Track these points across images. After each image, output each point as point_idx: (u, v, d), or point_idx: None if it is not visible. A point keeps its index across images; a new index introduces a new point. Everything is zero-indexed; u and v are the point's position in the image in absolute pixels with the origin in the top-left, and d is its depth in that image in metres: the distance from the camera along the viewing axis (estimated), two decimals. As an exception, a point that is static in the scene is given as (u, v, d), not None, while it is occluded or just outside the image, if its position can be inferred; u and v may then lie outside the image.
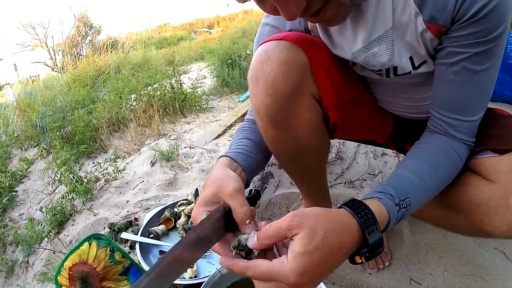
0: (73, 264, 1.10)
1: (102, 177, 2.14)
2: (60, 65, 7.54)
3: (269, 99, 0.78)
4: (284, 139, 0.87)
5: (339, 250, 0.53)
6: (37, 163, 2.93)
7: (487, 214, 0.73)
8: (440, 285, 1.15)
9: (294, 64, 0.77)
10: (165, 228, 1.27)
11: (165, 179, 1.98)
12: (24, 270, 1.80)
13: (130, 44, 7.73)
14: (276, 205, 1.54)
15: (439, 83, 0.76)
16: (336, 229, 0.53)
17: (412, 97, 0.91)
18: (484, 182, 0.75)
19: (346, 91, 0.87)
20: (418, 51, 0.74)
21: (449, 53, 0.71)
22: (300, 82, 0.78)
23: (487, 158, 0.76)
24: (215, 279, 0.94)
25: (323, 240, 0.51)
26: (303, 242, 0.51)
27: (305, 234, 0.51)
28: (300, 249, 0.51)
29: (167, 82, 3.31)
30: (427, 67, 0.77)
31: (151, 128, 2.85)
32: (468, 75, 0.71)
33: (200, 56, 6.50)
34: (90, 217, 1.79)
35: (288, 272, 0.50)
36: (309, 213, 0.54)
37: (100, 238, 1.15)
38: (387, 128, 1.06)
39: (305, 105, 0.83)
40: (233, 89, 3.72)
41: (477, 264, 1.18)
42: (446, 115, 0.76)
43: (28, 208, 2.32)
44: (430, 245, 1.28)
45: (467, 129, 0.76)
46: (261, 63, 0.77)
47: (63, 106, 3.42)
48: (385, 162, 1.75)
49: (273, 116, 0.81)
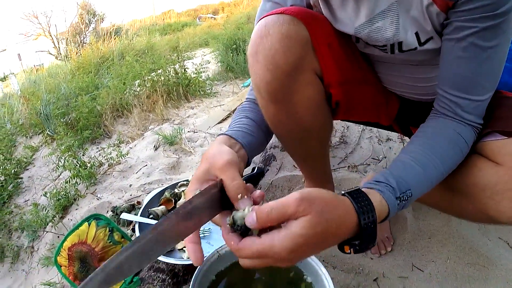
0: (72, 244, 1.09)
1: (106, 162, 2.15)
2: (64, 53, 7.55)
3: (270, 75, 0.76)
4: (285, 117, 0.85)
5: (333, 238, 0.54)
6: (41, 150, 2.94)
7: (493, 198, 0.71)
8: (443, 272, 1.13)
9: (295, 38, 0.74)
10: (165, 209, 1.25)
11: (168, 163, 1.97)
12: (29, 255, 1.82)
13: (134, 31, 7.70)
14: (278, 188, 1.52)
15: (446, 60, 0.73)
16: (337, 220, 0.53)
17: (416, 77, 0.88)
18: (490, 165, 0.72)
19: (349, 68, 0.85)
20: (424, 26, 0.71)
21: (456, 28, 0.68)
22: (301, 58, 0.76)
23: (494, 140, 0.73)
24: (213, 260, 0.91)
25: (323, 229, 0.51)
26: (304, 226, 0.50)
27: (309, 219, 0.50)
28: (300, 231, 0.49)
29: (171, 67, 3.29)
30: (433, 44, 0.74)
31: (155, 113, 2.84)
32: (476, 51, 0.68)
33: (204, 42, 6.47)
34: (93, 201, 1.79)
35: (279, 250, 0.50)
36: (316, 198, 0.52)
37: (100, 219, 1.14)
38: (392, 109, 1.03)
39: (307, 81, 0.80)
40: (238, 74, 3.70)
41: (480, 253, 1.16)
42: (453, 94, 0.73)
43: (33, 194, 2.33)
44: (433, 232, 1.26)
45: (475, 110, 0.73)
46: (261, 37, 0.75)
47: (67, 93, 3.44)
48: (390, 147, 1.74)
49: (273, 93, 0.79)
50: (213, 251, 0.92)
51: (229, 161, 0.60)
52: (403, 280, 1.12)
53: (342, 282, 1.11)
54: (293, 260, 0.52)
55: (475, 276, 1.11)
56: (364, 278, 1.14)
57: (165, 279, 1.09)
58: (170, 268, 1.14)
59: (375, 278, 1.13)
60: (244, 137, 0.79)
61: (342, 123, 1.95)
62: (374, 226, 0.56)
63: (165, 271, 1.12)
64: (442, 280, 1.11)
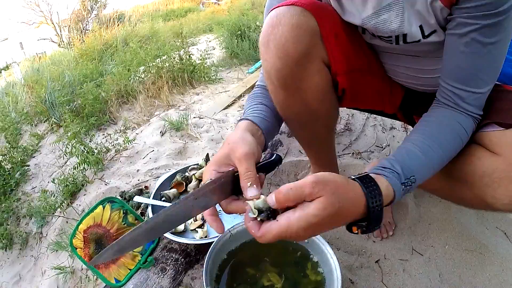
0: (87, 226, 1.11)
1: (113, 148, 2.15)
2: (67, 41, 7.49)
3: (280, 63, 0.80)
4: (294, 103, 0.89)
5: (344, 219, 0.59)
6: (47, 138, 2.94)
7: (490, 186, 0.74)
8: (441, 257, 1.17)
9: (304, 29, 0.78)
10: (177, 192, 1.28)
11: (175, 148, 1.98)
12: (37, 241, 1.84)
13: (137, 17, 7.62)
14: (285, 172, 1.55)
15: (449, 54, 0.76)
16: (348, 204, 0.58)
17: (420, 68, 0.91)
18: (488, 154, 0.76)
19: (355, 58, 0.88)
20: (428, 20, 0.74)
21: (459, 24, 0.70)
22: (310, 47, 0.80)
23: (492, 131, 0.77)
24: (225, 239, 0.95)
25: (335, 211, 0.55)
26: (319, 207, 0.54)
27: (323, 201, 0.54)
28: (314, 212, 0.54)
29: (176, 53, 3.27)
30: (437, 37, 0.76)
31: (160, 99, 2.84)
32: (477, 47, 0.70)
33: (208, 28, 6.39)
34: (101, 187, 1.81)
35: (296, 229, 0.55)
36: (329, 181, 0.57)
37: (114, 201, 1.17)
38: (396, 98, 1.05)
39: (315, 69, 0.84)
40: (242, 61, 3.68)
41: (478, 241, 1.20)
42: (455, 86, 0.76)
43: (40, 181, 2.34)
44: (433, 218, 1.29)
45: (475, 101, 0.77)
46: (273, 27, 0.78)
47: (71, 81, 3.40)
48: (393, 136, 1.76)
49: (283, 80, 0.83)
50: (226, 231, 0.95)
51: (247, 152, 0.67)
52: (403, 262, 1.15)
53: (346, 262, 1.15)
54: (307, 236, 0.58)
55: (472, 262, 1.15)
56: (366, 259, 1.17)
57: (178, 259, 1.13)
58: (183, 248, 1.17)
59: (376, 260, 1.16)
60: (263, 123, 0.85)
61: (347, 111, 1.97)
62: (381, 209, 0.60)
63: (178, 251, 1.16)
64: (440, 264, 1.15)
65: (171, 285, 1.06)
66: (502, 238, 1.24)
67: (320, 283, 0.90)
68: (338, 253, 1.17)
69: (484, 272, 1.12)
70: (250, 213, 0.59)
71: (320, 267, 0.93)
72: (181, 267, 1.11)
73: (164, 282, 1.06)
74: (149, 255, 1.14)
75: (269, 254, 0.96)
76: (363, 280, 1.10)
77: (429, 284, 1.09)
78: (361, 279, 1.10)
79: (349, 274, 1.11)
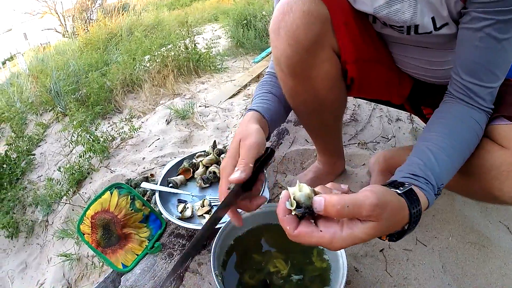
0: (95, 212, 1.12)
1: (118, 136, 2.16)
2: (71, 31, 7.48)
3: (290, 50, 0.80)
4: (303, 90, 0.89)
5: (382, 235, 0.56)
6: (53, 127, 2.97)
7: (498, 178, 0.74)
8: (445, 248, 1.17)
9: (315, 16, 0.78)
10: (184, 178, 1.29)
11: (180, 136, 1.99)
12: (43, 229, 1.86)
13: (142, 6, 7.59)
14: (291, 161, 1.55)
15: (463, 48, 0.75)
16: (395, 225, 0.56)
17: (430, 60, 0.90)
18: (497, 148, 0.76)
19: (364, 47, 0.88)
20: (440, 12, 0.73)
21: (473, 18, 0.70)
22: (320, 35, 0.80)
23: (501, 125, 0.77)
24: (232, 225, 0.95)
25: (380, 231, 0.52)
26: (369, 232, 0.51)
27: (375, 226, 0.51)
28: (363, 235, 0.51)
29: (181, 42, 3.27)
30: (448, 30, 0.76)
31: (166, 88, 2.85)
32: (491, 42, 0.70)
33: (214, 17, 6.36)
34: (107, 174, 1.82)
35: (339, 246, 0.52)
36: (388, 204, 0.52)
37: (121, 187, 1.17)
38: (405, 88, 1.05)
39: (325, 57, 0.84)
40: (248, 50, 3.67)
41: (481, 234, 1.20)
42: (468, 80, 0.76)
43: (46, 170, 2.36)
44: (438, 210, 1.29)
45: (488, 96, 0.77)
46: (284, 14, 0.78)
47: (76, 70, 3.41)
48: (399, 127, 1.76)
49: (293, 67, 0.83)
50: (232, 218, 0.95)
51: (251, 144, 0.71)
52: (407, 252, 1.16)
53: (350, 251, 1.15)
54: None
55: (475, 254, 1.15)
56: (371, 248, 1.18)
57: (185, 244, 1.14)
58: (190, 234, 1.18)
59: (381, 249, 1.17)
60: (268, 113, 0.86)
61: (354, 101, 1.96)
62: (416, 224, 0.60)
63: (185, 236, 1.17)
64: (444, 255, 1.15)
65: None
66: (505, 233, 1.24)
67: (325, 270, 0.90)
68: (343, 242, 1.18)
69: (486, 265, 1.12)
70: (287, 203, 0.54)
71: (326, 254, 0.93)
72: (188, 253, 1.12)
73: (171, 267, 1.07)
74: (156, 241, 1.15)
75: (276, 241, 0.97)
76: (368, 269, 1.11)
77: (432, 274, 1.10)
78: (365, 268, 1.11)
79: (354, 262, 1.12)
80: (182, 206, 1.16)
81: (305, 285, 0.87)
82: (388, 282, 1.07)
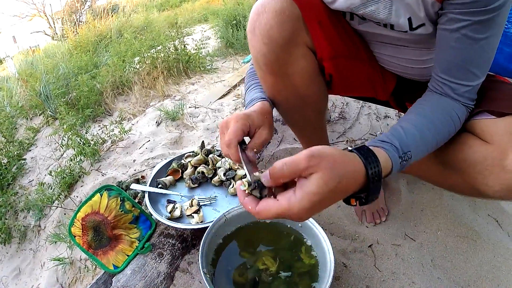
0: (85, 214, 1.13)
1: (109, 139, 2.15)
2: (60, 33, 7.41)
3: (266, 48, 0.83)
4: (283, 88, 0.92)
5: (344, 193, 0.57)
6: (43, 131, 2.94)
7: (482, 173, 0.76)
8: (433, 243, 1.19)
9: (287, 15, 0.81)
10: (173, 179, 1.29)
11: (171, 138, 1.99)
12: (36, 234, 1.85)
13: (131, 7, 7.54)
14: (280, 159, 1.56)
15: (440, 48, 0.77)
16: (348, 177, 0.55)
17: (409, 58, 0.92)
18: (480, 143, 0.77)
19: (340, 44, 0.90)
20: (417, 13, 0.75)
21: (450, 20, 0.71)
22: (294, 33, 0.83)
23: (484, 119, 0.78)
24: (220, 223, 0.96)
25: (336, 185, 0.53)
26: (319, 184, 0.52)
27: (322, 177, 0.52)
28: (315, 190, 0.52)
29: (171, 44, 3.26)
30: (425, 30, 0.78)
31: (156, 90, 2.84)
32: (468, 43, 0.71)
33: (203, 18, 6.35)
34: (98, 177, 1.82)
35: (297, 211, 0.53)
36: (326, 155, 0.54)
37: (111, 189, 1.18)
38: (389, 84, 1.06)
39: (300, 54, 0.87)
40: (238, 50, 3.68)
41: (470, 227, 1.22)
42: (446, 79, 0.78)
43: (37, 175, 2.34)
44: (426, 204, 1.31)
45: (466, 93, 0.78)
46: (258, 14, 0.82)
47: (66, 73, 3.38)
48: (387, 124, 1.78)
49: (270, 65, 0.86)
50: (220, 215, 0.97)
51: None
52: (396, 247, 1.17)
53: (339, 247, 1.16)
54: (309, 216, 0.55)
55: (464, 247, 1.17)
56: (359, 244, 1.19)
57: (174, 244, 1.14)
58: (179, 234, 1.18)
59: (370, 245, 1.18)
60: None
61: (342, 100, 1.98)
62: (379, 179, 0.59)
63: (175, 236, 1.17)
64: (433, 249, 1.16)
65: (168, 270, 1.08)
66: (494, 226, 1.26)
67: (314, 266, 0.92)
68: (331, 238, 1.19)
69: (476, 257, 1.14)
70: (241, 186, 0.58)
71: (314, 250, 0.95)
72: (177, 252, 1.13)
73: (161, 267, 1.07)
74: (147, 241, 1.16)
75: (264, 239, 0.98)
76: (356, 264, 1.12)
77: (421, 268, 1.11)
78: (354, 263, 1.12)
79: (342, 258, 1.13)
80: (171, 206, 1.16)
81: (294, 282, 0.88)
82: (377, 277, 1.08)
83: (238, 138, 0.70)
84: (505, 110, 0.76)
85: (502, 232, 1.24)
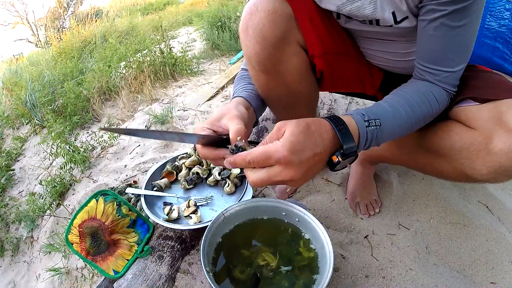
0: (82, 221, 1.12)
1: (98, 145, 2.14)
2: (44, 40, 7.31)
3: (259, 47, 0.86)
4: (275, 86, 0.94)
5: (319, 137, 0.63)
6: (31, 140, 2.89)
7: (469, 158, 0.79)
8: (427, 231, 1.22)
9: (280, 14, 0.83)
10: (168, 181, 1.29)
11: (161, 141, 1.98)
12: (29, 246, 1.83)
13: (115, 12, 7.45)
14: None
15: (421, 38, 0.80)
16: (315, 123, 0.64)
17: (396, 52, 0.95)
18: (465, 129, 0.80)
19: (330, 41, 0.93)
20: (400, 7, 0.78)
21: (428, 11, 0.75)
22: (286, 31, 0.85)
23: (468, 106, 0.81)
24: (219, 221, 0.97)
25: (306, 127, 0.62)
26: (291, 129, 0.61)
27: (292, 124, 0.61)
28: (288, 132, 0.60)
29: (156, 47, 3.25)
30: (409, 23, 0.81)
31: (143, 94, 2.83)
32: (446, 30, 0.75)
33: (188, 20, 6.31)
34: (90, 185, 1.80)
35: (279, 148, 0.59)
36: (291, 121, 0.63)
37: (107, 194, 1.17)
38: (376, 79, 1.09)
39: (292, 52, 0.90)
40: (224, 52, 3.68)
41: (461, 214, 1.26)
42: (427, 66, 0.82)
43: (27, 185, 2.31)
44: (418, 194, 1.35)
45: (447, 79, 0.81)
46: (251, 14, 0.84)
47: (51, 80, 3.32)
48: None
49: (263, 63, 0.88)
50: (219, 214, 0.97)
51: (237, 115, 0.75)
52: (391, 236, 1.20)
53: (336, 239, 1.18)
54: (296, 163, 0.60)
55: (457, 234, 1.20)
56: (355, 235, 1.21)
57: (174, 246, 1.15)
58: (178, 235, 1.19)
59: (365, 236, 1.21)
60: (253, 100, 0.92)
61: (330, 96, 2.00)
62: (348, 131, 0.65)
63: (174, 238, 1.17)
64: (427, 237, 1.20)
65: (169, 271, 1.08)
66: (484, 211, 1.29)
67: (313, 259, 0.93)
68: (328, 232, 1.19)
69: (469, 242, 1.18)
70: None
71: (312, 243, 0.96)
72: (177, 254, 1.13)
73: (162, 269, 1.08)
74: (146, 245, 1.16)
75: (262, 235, 0.99)
76: (354, 255, 1.14)
77: (417, 255, 1.14)
78: (352, 254, 1.14)
79: (340, 250, 1.15)
80: (168, 208, 1.16)
81: (294, 275, 0.89)
82: (375, 266, 1.11)
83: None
84: (487, 96, 0.79)
85: (492, 217, 1.28)
